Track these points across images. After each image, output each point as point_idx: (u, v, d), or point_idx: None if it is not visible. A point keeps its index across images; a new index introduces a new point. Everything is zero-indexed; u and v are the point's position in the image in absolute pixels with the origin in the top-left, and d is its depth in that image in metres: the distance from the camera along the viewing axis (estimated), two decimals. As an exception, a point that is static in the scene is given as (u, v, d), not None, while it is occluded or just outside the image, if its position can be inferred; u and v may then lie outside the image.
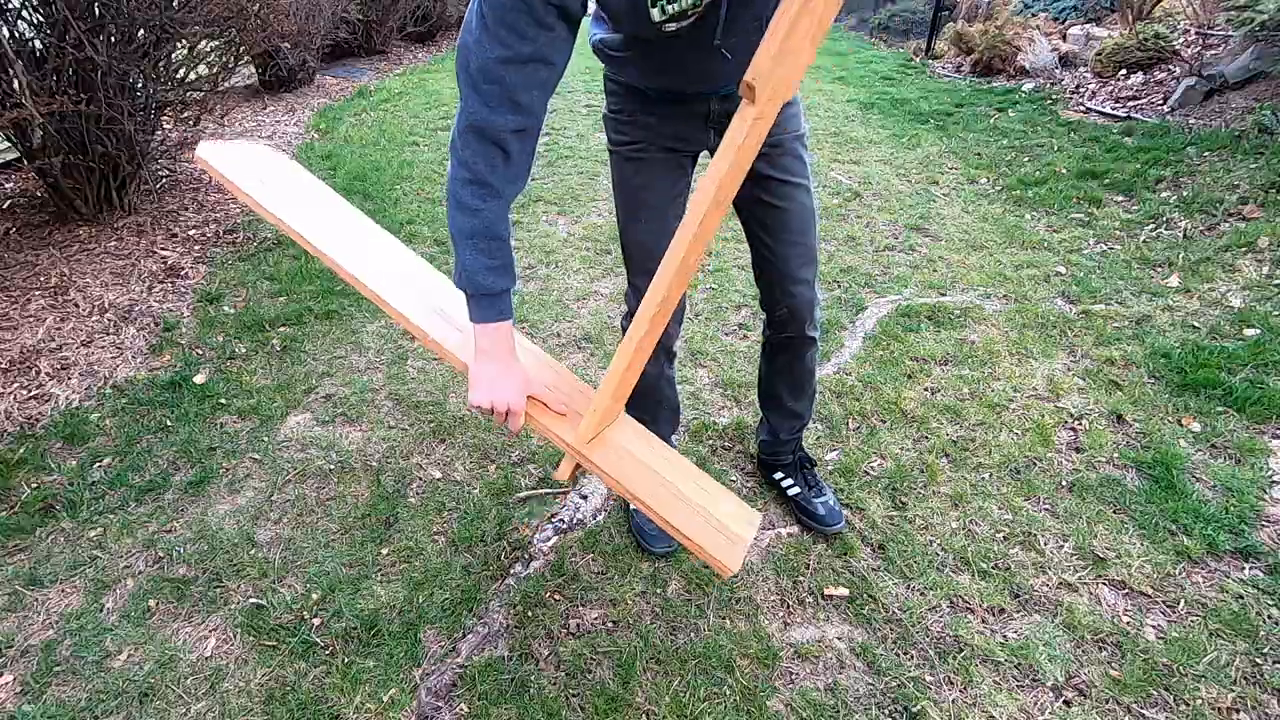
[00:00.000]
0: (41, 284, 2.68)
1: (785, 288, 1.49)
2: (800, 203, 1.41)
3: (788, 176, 1.37)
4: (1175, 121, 4.02)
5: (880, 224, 3.43)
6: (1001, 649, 1.41)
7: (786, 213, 1.41)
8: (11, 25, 2.64)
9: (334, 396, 2.22)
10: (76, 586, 1.59)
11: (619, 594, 1.56)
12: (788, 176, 1.37)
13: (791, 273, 1.47)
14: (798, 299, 1.50)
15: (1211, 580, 1.54)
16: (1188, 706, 1.30)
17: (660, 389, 1.62)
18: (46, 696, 1.36)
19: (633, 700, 1.34)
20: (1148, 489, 1.77)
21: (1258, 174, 3.15)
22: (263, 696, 1.36)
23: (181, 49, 3.41)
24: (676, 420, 1.74)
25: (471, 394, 1.14)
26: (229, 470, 1.92)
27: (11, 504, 1.79)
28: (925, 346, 2.38)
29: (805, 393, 1.69)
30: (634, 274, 1.48)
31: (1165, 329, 2.40)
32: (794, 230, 1.42)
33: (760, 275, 1.52)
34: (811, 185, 1.42)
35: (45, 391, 2.19)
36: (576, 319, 2.63)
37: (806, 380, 1.66)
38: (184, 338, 2.51)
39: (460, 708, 1.34)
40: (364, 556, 1.66)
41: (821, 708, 1.32)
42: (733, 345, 2.44)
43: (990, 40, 6.01)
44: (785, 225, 1.42)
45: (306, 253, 1.56)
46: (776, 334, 1.59)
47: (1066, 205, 3.43)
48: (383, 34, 7.86)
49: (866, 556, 1.64)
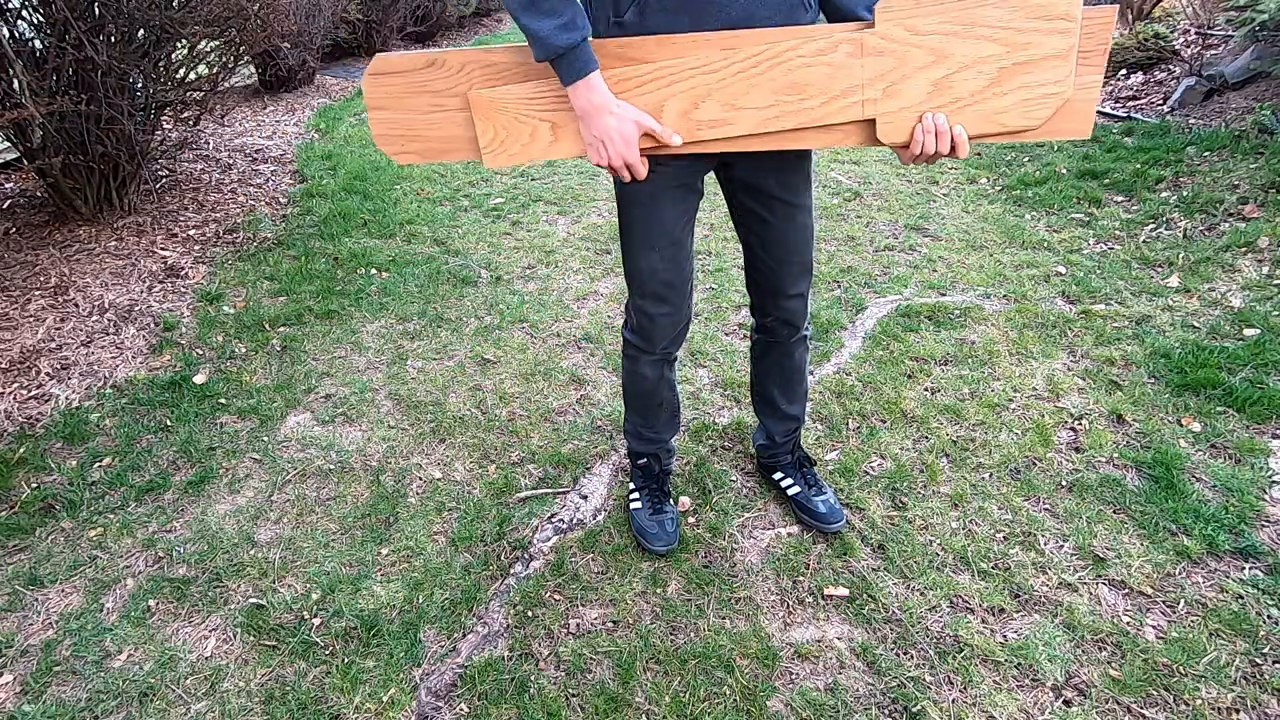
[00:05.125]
0: (41, 284, 2.68)
1: (779, 301, 1.50)
2: (802, 223, 1.41)
3: (794, 198, 1.38)
4: (1175, 121, 4.02)
5: (880, 224, 3.43)
6: (1001, 649, 1.41)
7: (787, 232, 1.41)
8: (11, 25, 2.64)
9: (334, 396, 2.22)
10: (76, 586, 1.59)
11: (619, 594, 1.56)
12: (794, 198, 1.38)
13: (786, 288, 1.48)
14: (790, 311, 1.52)
15: (1211, 580, 1.54)
16: (1188, 706, 1.30)
17: (660, 392, 1.62)
18: (46, 696, 1.36)
19: (633, 700, 1.34)
20: (1148, 489, 1.77)
21: (1258, 174, 3.15)
22: (263, 696, 1.36)
23: (181, 49, 3.41)
24: (677, 422, 1.74)
25: (590, 157, 1.16)
26: (229, 470, 1.92)
27: (11, 504, 1.79)
28: (925, 346, 2.38)
29: (798, 393, 1.69)
30: (642, 296, 1.45)
31: (1165, 329, 2.40)
32: (793, 248, 1.43)
33: (754, 285, 1.53)
34: (814, 203, 1.42)
35: (45, 391, 2.19)
36: (576, 319, 2.63)
37: (798, 379, 1.66)
38: (184, 338, 2.51)
39: (460, 708, 1.34)
40: (364, 556, 1.66)
41: (821, 708, 1.32)
42: (733, 345, 2.44)
43: (990, 40, 6.01)
44: (784, 244, 1.42)
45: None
46: (767, 335, 1.61)
47: (1066, 205, 3.43)
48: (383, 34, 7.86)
49: (866, 556, 1.64)
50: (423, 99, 1.18)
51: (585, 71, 1.09)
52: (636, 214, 1.36)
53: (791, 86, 1.09)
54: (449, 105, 1.18)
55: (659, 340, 1.50)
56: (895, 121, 1.08)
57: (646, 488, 1.71)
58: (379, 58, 1.17)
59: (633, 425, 1.69)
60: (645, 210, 1.35)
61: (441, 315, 2.66)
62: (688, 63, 1.10)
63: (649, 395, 1.62)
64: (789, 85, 1.09)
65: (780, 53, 1.08)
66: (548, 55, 1.07)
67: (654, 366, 1.56)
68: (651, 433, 1.68)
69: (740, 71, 1.10)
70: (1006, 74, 1.05)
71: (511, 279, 2.94)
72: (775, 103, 1.10)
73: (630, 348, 1.55)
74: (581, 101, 1.10)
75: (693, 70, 1.11)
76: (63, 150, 2.84)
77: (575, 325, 2.59)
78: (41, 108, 2.50)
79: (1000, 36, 1.04)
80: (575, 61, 1.08)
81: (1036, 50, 1.04)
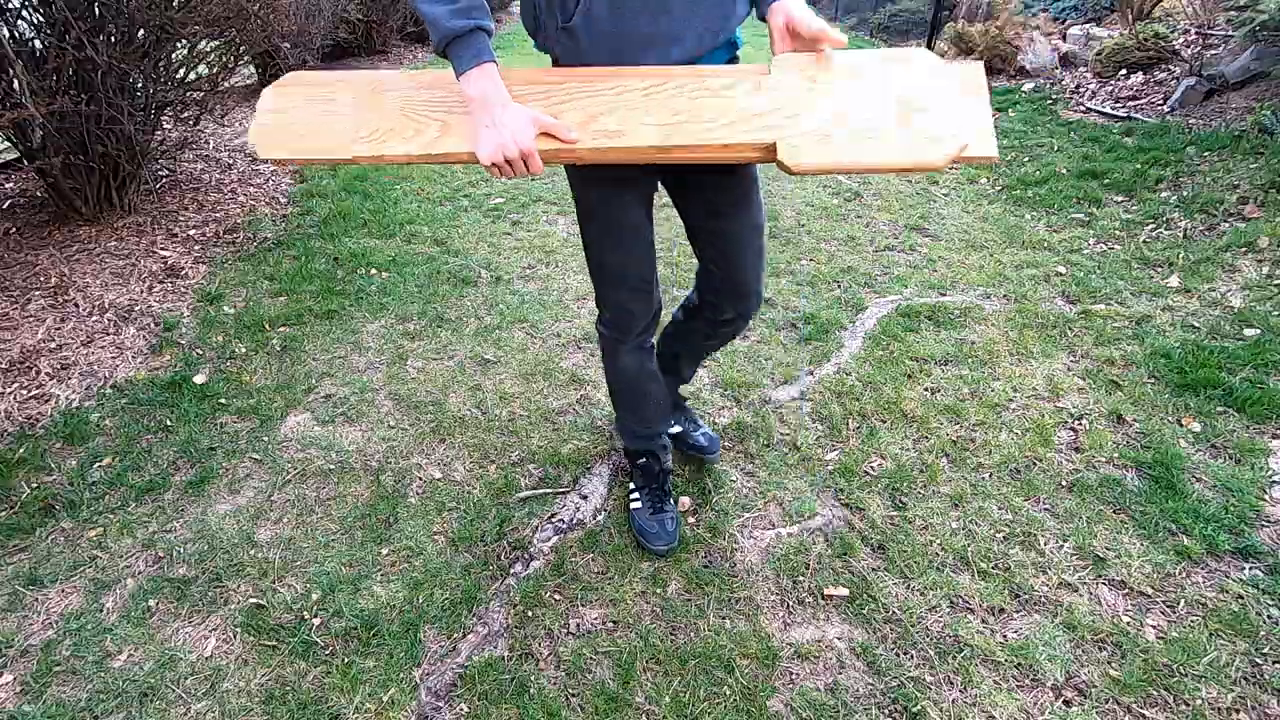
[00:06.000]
0: (41, 284, 2.68)
1: (737, 301, 1.51)
2: (756, 222, 1.41)
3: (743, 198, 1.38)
4: (1175, 121, 4.02)
5: (880, 224, 3.43)
6: (1001, 649, 1.41)
7: (742, 234, 1.41)
8: (11, 25, 2.64)
9: (334, 396, 2.22)
10: (76, 586, 1.59)
11: (619, 594, 1.56)
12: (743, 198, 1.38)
13: (746, 286, 1.48)
14: (750, 305, 1.52)
15: (1211, 580, 1.54)
16: (1188, 706, 1.30)
17: (644, 382, 1.62)
18: (46, 696, 1.36)
19: (633, 700, 1.34)
20: (1148, 489, 1.77)
21: (1258, 174, 3.15)
22: (263, 696, 1.36)
23: (181, 49, 3.41)
24: (668, 408, 1.75)
25: (480, 154, 1.09)
26: (229, 470, 1.92)
27: (11, 504, 1.79)
28: (925, 346, 2.38)
29: (700, 362, 1.84)
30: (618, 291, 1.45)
31: (1165, 329, 2.40)
32: (752, 248, 1.43)
33: (709, 285, 1.52)
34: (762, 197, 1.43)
35: (45, 391, 2.19)
36: (576, 319, 2.63)
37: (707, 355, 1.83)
38: (184, 338, 2.51)
39: (460, 708, 1.34)
40: (364, 556, 1.66)
41: (821, 708, 1.32)
42: (733, 345, 2.44)
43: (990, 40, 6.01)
44: (741, 243, 1.42)
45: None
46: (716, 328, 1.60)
47: (1066, 205, 3.43)
48: (382, 34, 7.86)
49: (866, 556, 1.64)
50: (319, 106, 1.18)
51: (479, 60, 1.05)
52: (600, 214, 1.36)
53: (691, 110, 1.12)
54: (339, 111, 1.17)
55: (635, 328, 1.52)
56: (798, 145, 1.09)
57: (647, 487, 1.71)
58: (291, 74, 1.20)
59: (625, 423, 1.71)
60: (608, 209, 1.35)
61: (441, 315, 2.66)
62: (591, 85, 1.13)
63: (634, 386, 1.63)
64: (688, 109, 1.12)
65: (677, 86, 1.13)
66: (441, 39, 1.04)
67: (633, 355, 1.57)
68: (644, 427, 1.69)
69: (643, 93, 1.13)
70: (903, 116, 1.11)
71: (511, 279, 2.94)
72: (673, 121, 1.12)
73: (608, 342, 1.57)
74: (474, 91, 1.06)
75: (593, 92, 1.13)
76: (63, 150, 2.84)
77: (575, 325, 2.59)
78: (41, 108, 2.50)
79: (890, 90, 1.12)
80: (469, 48, 1.05)
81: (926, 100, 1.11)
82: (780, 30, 1.15)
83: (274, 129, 1.17)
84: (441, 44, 1.05)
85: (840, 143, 1.09)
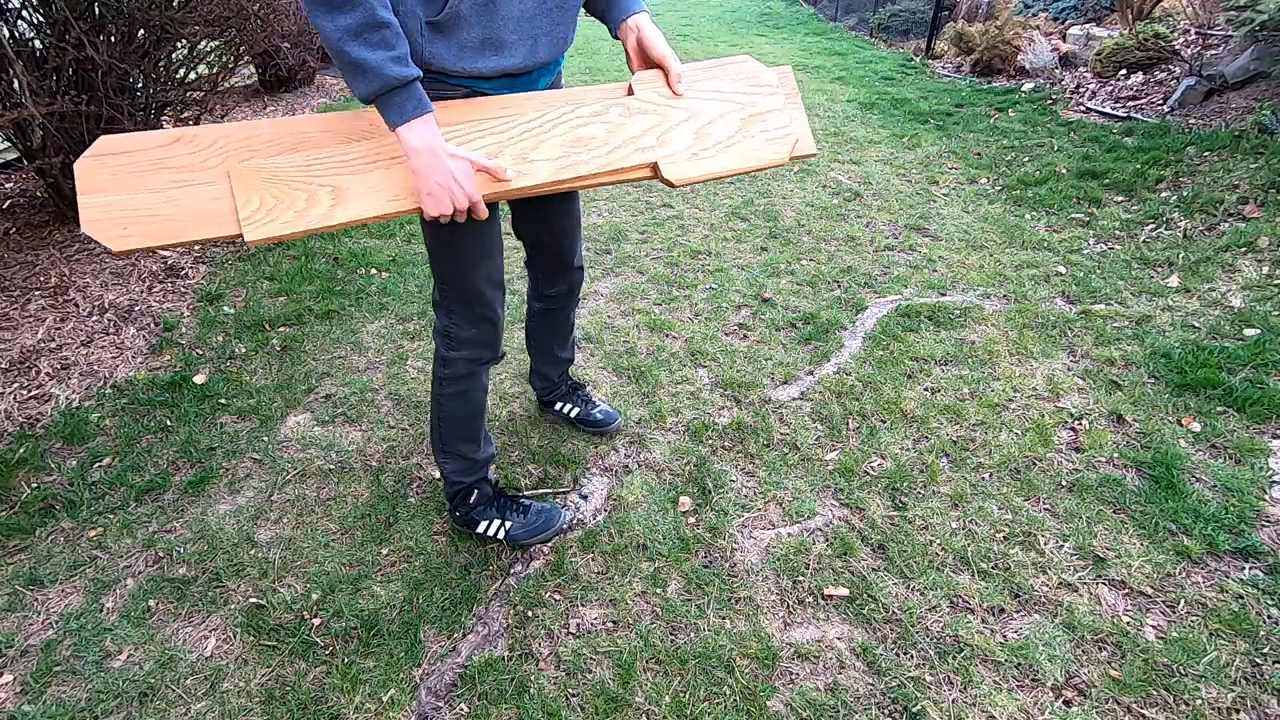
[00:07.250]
0: (41, 284, 2.68)
1: (567, 272, 1.68)
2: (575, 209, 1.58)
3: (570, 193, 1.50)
4: (1175, 121, 4.02)
5: (880, 224, 3.43)
6: (1001, 649, 1.41)
7: (570, 210, 1.56)
8: (11, 25, 2.64)
9: (334, 396, 2.22)
10: (76, 586, 1.59)
11: (619, 594, 1.56)
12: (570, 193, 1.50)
13: (573, 258, 1.66)
14: (575, 279, 1.72)
15: (1211, 580, 1.54)
16: (1188, 706, 1.30)
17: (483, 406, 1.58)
18: (46, 696, 1.36)
19: (633, 700, 1.34)
20: (1148, 489, 1.77)
21: (1258, 174, 3.15)
22: (263, 696, 1.36)
23: (181, 49, 3.41)
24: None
25: (427, 208, 1.07)
26: (229, 470, 1.92)
27: (11, 504, 1.79)
28: (925, 346, 2.38)
29: (569, 341, 1.93)
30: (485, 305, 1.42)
31: (1165, 329, 2.40)
32: (577, 222, 1.61)
33: (540, 261, 1.67)
34: None
35: (45, 391, 2.19)
36: (576, 319, 2.63)
37: (570, 330, 1.90)
38: (184, 338, 2.51)
39: (460, 708, 1.34)
40: (364, 556, 1.66)
41: (821, 708, 1.32)
42: (733, 346, 2.44)
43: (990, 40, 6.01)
44: (569, 216, 1.57)
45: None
46: (550, 304, 1.78)
47: (1066, 205, 3.43)
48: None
49: (866, 556, 1.64)
50: (159, 177, 1.04)
51: (421, 110, 1.03)
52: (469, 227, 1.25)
53: (577, 141, 1.22)
54: (195, 181, 1.05)
55: (498, 341, 1.51)
56: (676, 162, 1.26)
57: (495, 506, 1.66)
58: (103, 139, 1.03)
59: (459, 459, 1.60)
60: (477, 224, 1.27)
61: (441, 315, 2.66)
62: (475, 126, 1.16)
63: (479, 411, 1.57)
64: (575, 140, 1.22)
65: (559, 117, 1.22)
66: (380, 88, 1.00)
67: (486, 376, 1.56)
68: (479, 453, 1.62)
69: (527, 131, 1.20)
70: (747, 123, 1.33)
71: (511, 279, 2.94)
72: (566, 154, 1.21)
73: (470, 364, 1.48)
74: (418, 142, 1.03)
75: (480, 132, 1.17)
76: (63, 150, 2.84)
77: (575, 325, 2.59)
78: (41, 108, 2.51)
79: (732, 98, 1.34)
80: (411, 97, 1.02)
81: (761, 106, 1.35)
82: (634, 49, 1.29)
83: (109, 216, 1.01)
84: (379, 92, 1.01)
85: (708, 156, 1.29)
